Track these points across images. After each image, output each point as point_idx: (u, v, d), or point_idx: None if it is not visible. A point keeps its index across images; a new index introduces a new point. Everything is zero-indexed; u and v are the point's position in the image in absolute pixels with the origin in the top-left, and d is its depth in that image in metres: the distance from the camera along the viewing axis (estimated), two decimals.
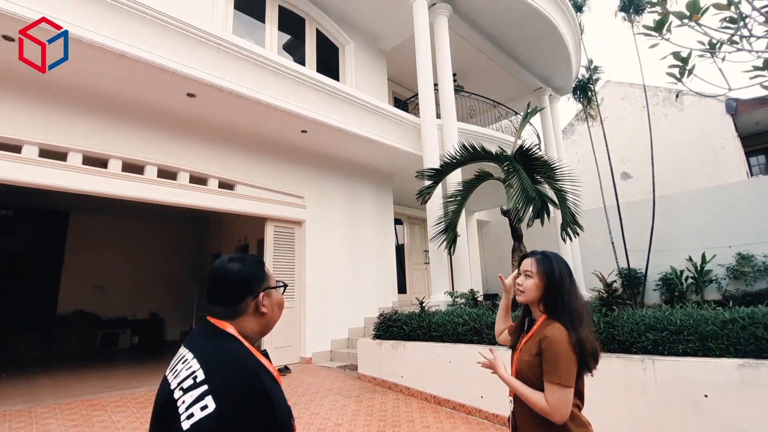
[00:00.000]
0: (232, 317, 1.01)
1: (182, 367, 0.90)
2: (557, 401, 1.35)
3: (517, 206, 4.87)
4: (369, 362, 5.22)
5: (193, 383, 0.85)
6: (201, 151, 5.74)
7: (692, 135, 13.12)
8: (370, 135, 6.71)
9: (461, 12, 8.17)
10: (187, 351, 0.95)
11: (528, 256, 1.65)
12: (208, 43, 4.84)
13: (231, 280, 1.03)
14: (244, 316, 1.02)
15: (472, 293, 5.70)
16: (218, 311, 1.02)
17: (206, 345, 0.96)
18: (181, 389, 0.85)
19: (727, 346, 2.54)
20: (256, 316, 1.04)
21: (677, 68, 3.09)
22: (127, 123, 5.08)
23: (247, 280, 1.04)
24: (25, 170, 4.22)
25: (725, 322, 2.64)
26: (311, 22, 8.01)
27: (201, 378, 0.85)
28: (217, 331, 0.99)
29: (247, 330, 1.02)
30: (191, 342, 0.98)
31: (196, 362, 0.89)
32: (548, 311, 1.51)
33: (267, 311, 1.06)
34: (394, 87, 10.76)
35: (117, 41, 4.11)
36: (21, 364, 7.33)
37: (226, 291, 1.03)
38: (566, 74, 11.06)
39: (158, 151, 5.31)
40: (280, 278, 5.99)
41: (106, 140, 4.87)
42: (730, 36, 2.96)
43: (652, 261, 9.31)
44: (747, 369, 2.33)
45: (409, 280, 9.91)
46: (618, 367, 2.94)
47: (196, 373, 0.86)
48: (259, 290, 1.05)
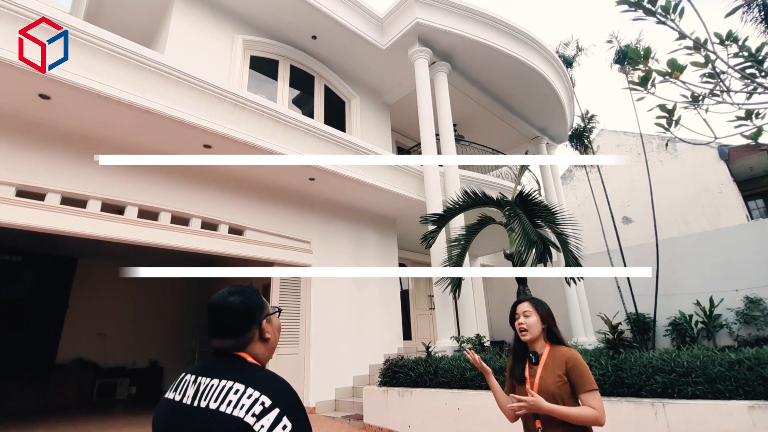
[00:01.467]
0: (242, 347, 1.09)
1: (238, 397, 0.94)
2: (600, 403, 1.63)
3: (520, 250, 4.97)
4: (375, 411, 5.08)
5: (263, 408, 0.91)
6: (213, 197, 5.97)
7: (688, 180, 13.44)
8: (374, 182, 6.97)
9: (459, 69, 8.76)
10: (228, 381, 0.98)
11: (519, 302, 1.94)
12: (225, 99, 5.21)
13: (236, 313, 1.09)
14: (253, 343, 1.10)
15: (479, 338, 5.65)
16: (228, 344, 1.08)
17: (246, 374, 1.01)
18: (254, 415, 0.90)
19: (736, 387, 2.54)
20: (262, 342, 1.12)
21: (664, 119, 3.35)
22: (145, 171, 5.34)
23: (251, 310, 1.12)
24: (48, 217, 4.42)
25: (732, 363, 2.66)
26: (320, 79, 8.58)
27: (269, 403, 0.92)
28: (244, 361, 1.06)
29: (258, 357, 1.10)
30: (224, 372, 1.02)
31: (252, 390, 0.94)
32: (551, 339, 1.82)
33: (270, 336, 1.14)
34: (397, 137, 11.25)
35: (144, 99, 4.46)
36: (17, 416, 7.12)
37: (232, 323, 1.09)
38: (561, 124, 11.57)
39: (172, 198, 5.53)
40: (284, 323, 5.95)
41: (124, 188, 5.11)
42: (710, 90, 3.24)
43: (660, 305, 9.23)
44: (757, 411, 2.33)
45: (414, 326, 9.78)
46: (629, 412, 2.90)
47: (261, 400, 0.92)
48: (261, 318, 1.13)
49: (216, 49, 6.90)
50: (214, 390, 0.98)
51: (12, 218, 4.17)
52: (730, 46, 3.14)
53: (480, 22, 8.17)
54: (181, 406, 1.00)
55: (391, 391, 4.88)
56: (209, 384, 1.00)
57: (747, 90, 3.12)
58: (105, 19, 7.30)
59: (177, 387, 1.06)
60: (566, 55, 11.55)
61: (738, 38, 3.11)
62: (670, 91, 2.02)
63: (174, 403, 1.02)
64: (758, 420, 2.31)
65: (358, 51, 8.38)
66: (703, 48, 3.18)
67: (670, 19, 3.03)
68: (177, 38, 6.44)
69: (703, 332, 8.46)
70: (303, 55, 8.27)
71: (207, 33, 6.87)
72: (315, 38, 8.06)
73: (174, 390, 1.06)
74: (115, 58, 4.31)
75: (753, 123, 2.95)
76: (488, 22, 8.24)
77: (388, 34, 8.22)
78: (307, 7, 7.27)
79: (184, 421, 0.97)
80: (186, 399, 1.00)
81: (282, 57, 7.99)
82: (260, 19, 7.51)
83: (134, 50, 4.43)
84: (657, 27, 2.76)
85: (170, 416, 1.01)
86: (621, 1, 3.02)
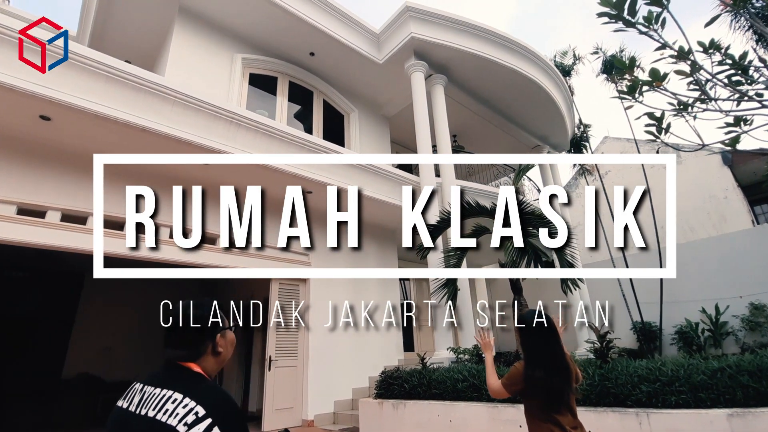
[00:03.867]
0: (193, 359, 1.13)
1: (175, 406, 0.98)
2: (492, 382, 2.10)
3: (513, 259, 4.98)
4: (371, 424, 5.07)
5: (196, 418, 0.94)
6: (212, 212, 6.08)
7: (693, 186, 13.30)
8: (371, 194, 7.04)
9: (456, 81, 8.87)
10: (168, 391, 1.02)
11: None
12: (221, 117, 5.36)
13: (192, 326, 1.14)
14: (205, 356, 1.14)
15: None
16: (180, 354, 1.13)
17: (188, 384, 1.05)
18: (186, 424, 0.93)
19: (717, 395, 2.52)
20: (214, 356, 1.16)
21: (654, 126, 3.38)
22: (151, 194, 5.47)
23: (205, 324, 1.16)
24: (48, 234, 4.55)
25: (714, 371, 2.64)
26: (318, 94, 8.75)
27: (202, 413, 0.95)
28: (190, 371, 1.10)
29: (207, 369, 1.14)
30: (168, 382, 1.06)
31: (189, 399, 0.98)
32: None
33: (222, 350, 1.18)
34: (397, 148, 11.36)
35: (140, 118, 4.62)
36: (23, 431, 7.21)
37: (186, 335, 1.14)
38: (561, 132, 11.58)
39: (171, 214, 5.64)
40: (282, 335, 5.98)
41: (123, 205, 5.23)
42: (695, 99, 3.26)
43: (666, 313, 9.07)
44: (736, 418, 2.31)
45: (417, 337, 9.73)
46: (614, 422, 2.88)
47: (195, 409, 0.96)
48: (216, 332, 1.17)
49: (216, 68, 7.10)
50: (155, 398, 1.02)
51: (13, 236, 4.32)
52: (714, 54, 3.17)
53: (474, 34, 8.29)
54: (127, 413, 1.04)
55: (386, 404, 4.87)
56: (152, 393, 1.04)
57: (734, 98, 3.15)
58: (110, 40, 7.58)
59: (126, 395, 1.11)
60: (564, 64, 11.63)
61: (721, 46, 3.15)
62: (659, 100, 2.07)
63: (122, 411, 1.07)
64: (737, 427, 2.29)
65: (355, 66, 8.55)
66: (685, 57, 3.22)
67: (653, 29, 3.08)
68: (178, 58, 6.65)
69: (710, 340, 8.29)
70: (301, 71, 8.45)
71: (207, 52, 7.08)
72: (313, 55, 8.25)
73: (123, 398, 1.11)
74: (113, 80, 4.48)
75: (742, 129, 2.97)
76: (483, 34, 8.37)
77: (384, 49, 8.39)
78: (305, 25, 7.47)
79: (128, 428, 1.02)
80: (131, 407, 1.05)
81: (281, 74, 8.19)
82: (259, 37, 7.73)
83: (131, 72, 4.60)
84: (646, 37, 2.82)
85: (118, 423, 1.06)
86: (601, 13, 3.08)
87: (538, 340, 1.93)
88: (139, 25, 7.32)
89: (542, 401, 1.85)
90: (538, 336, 1.94)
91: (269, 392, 6.01)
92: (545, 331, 1.94)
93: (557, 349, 1.93)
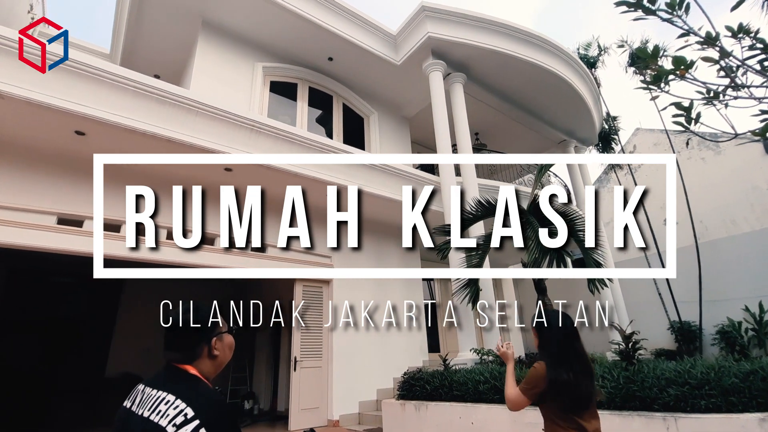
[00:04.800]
0: (190, 361, 1.17)
1: (167, 407, 1.03)
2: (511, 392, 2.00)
3: (535, 257, 4.87)
4: (394, 425, 5.09)
5: (184, 419, 0.99)
6: (236, 218, 6.28)
7: (733, 177, 12.52)
8: (390, 195, 7.06)
9: (475, 78, 8.76)
10: (163, 392, 1.08)
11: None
12: (242, 125, 5.53)
13: (186, 329, 1.18)
14: (200, 359, 1.19)
15: None
16: (177, 357, 1.17)
17: (182, 386, 1.10)
18: (174, 425, 0.99)
19: (749, 399, 2.39)
20: (210, 359, 1.21)
21: (682, 117, 3.23)
22: (172, 197, 5.72)
23: (201, 328, 1.20)
24: (86, 242, 4.85)
25: (747, 374, 2.50)
26: (338, 98, 8.87)
27: (191, 414, 1.00)
28: (186, 374, 1.15)
29: (204, 371, 1.19)
30: (164, 384, 1.12)
31: (180, 402, 1.03)
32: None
33: (219, 353, 1.22)
34: (419, 149, 11.33)
35: (166, 129, 4.84)
36: (66, 426, 7.69)
37: (182, 339, 1.19)
38: (589, 126, 11.21)
39: (200, 220, 5.88)
40: (308, 336, 6.10)
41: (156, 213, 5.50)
42: (725, 86, 3.11)
43: (706, 312, 8.62)
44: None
45: (442, 338, 9.67)
46: (640, 426, 2.77)
47: (185, 411, 1.01)
48: (212, 335, 1.21)
49: (238, 77, 7.34)
50: (151, 400, 1.08)
51: (54, 244, 4.63)
52: (743, 39, 3.01)
53: (493, 30, 8.17)
54: (129, 413, 1.11)
55: (408, 405, 4.88)
56: (149, 394, 1.10)
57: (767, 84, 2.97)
58: (139, 57, 7.98)
59: (131, 395, 1.18)
60: (588, 56, 11.25)
61: (750, 30, 2.99)
62: (688, 89, 1.98)
63: (125, 410, 1.14)
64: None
65: (373, 68, 8.61)
66: (712, 43, 3.07)
67: (676, 14, 2.96)
68: (202, 69, 6.92)
69: (754, 340, 7.80)
70: (320, 77, 8.59)
71: (229, 63, 7.33)
72: (331, 60, 8.37)
73: (128, 398, 1.18)
74: (140, 94, 4.72)
75: None
76: (502, 30, 8.23)
77: (401, 50, 8.40)
78: (323, 31, 7.59)
79: (128, 426, 1.09)
80: (133, 407, 1.11)
81: (300, 80, 8.35)
82: (278, 46, 7.92)
83: (156, 86, 4.83)
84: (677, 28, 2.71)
85: (121, 421, 1.13)
86: (619, 2, 2.99)
87: (559, 340, 1.87)
88: (165, 41, 7.66)
89: (565, 405, 1.76)
90: (559, 337, 1.88)
91: (295, 392, 6.15)
92: (566, 332, 1.88)
93: (580, 350, 1.86)
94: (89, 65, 4.43)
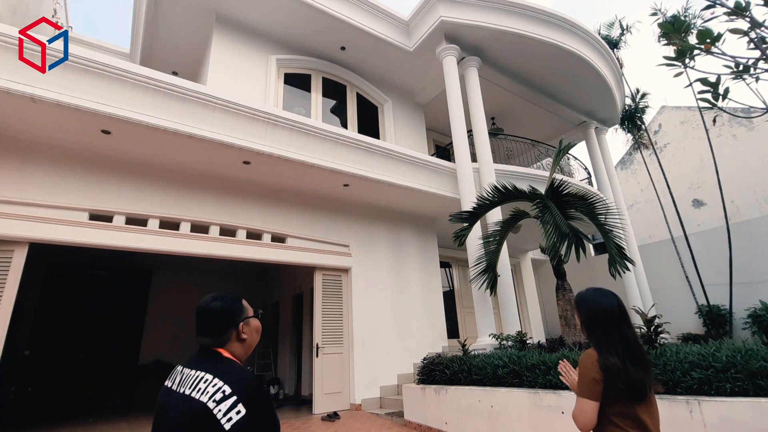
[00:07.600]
0: (221, 345, 1.27)
1: (206, 385, 1.12)
2: (575, 408, 1.65)
3: (553, 242, 4.82)
4: (414, 408, 5.18)
5: (223, 396, 1.08)
6: (255, 209, 6.43)
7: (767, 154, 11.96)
8: (408, 184, 7.07)
9: (490, 61, 8.58)
10: (201, 372, 1.18)
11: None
12: (258, 118, 5.61)
13: (215, 316, 1.29)
14: (230, 342, 1.29)
15: (520, 335, 5.53)
16: (208, 341, 1.28)
17: (218, 366, 1.20)
18: (214, 401, 1.08)
19: None
20: (239, 342, 1.31)
21: (709, 93, 3.11)
22: (194, 190, 5.91)
23: (229, 314, 1.30)
24: (115, 236, 5.07)
25: None
26: (351, 87, 8.85)
27: (229, 391, 1.09)
28: (220, 356, 1.25)
29: (235, 353, 1.29)
30: (202, 364, 1.21)
31: (218, 380, 1.12)
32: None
33: (247, 337, 1.33)
34: (434, 135, 11.24)
35: (186, 125, 4.96)
36: (104, 411, 8.15)
37: (212, 324, 1.29)
38: (611, 106, 10.85)
39: (219, 212, 6.05)
40: (327, 323, 6.25)
41: (178, 206, 5.69)
42: (756, 59, 2.97)
43: (736, 295, 8.35)
44: None
45: (462, 323, 9.71)
46: (663, 410, 2.73)
47: (223, 388, 1.10)
48: (239, 320, 1.32)
49: (252, 71, 7.42)
50: (191, 379, 1.18)
51: (87, 239, 4.86)
52: None
53: (508, 11, 7.96)
54: (170, 391, 1.22)
55: (428, 389, 4.96)
56: (188, 374, 1.21)
57: None
58: (158, 56, 8.15)
59: (171, 375, 1.29)
60: (611, 36, 10.81)
61: None
62: (716, 64, 1.91)
63: (166, 389, 1.25)
64: None
65: (386, 56, 8.54)
66: (742, 14, 2.95)
67: None
68: (217, 64, 7.02)
69: None
70: (334, 66, 8.59)
71: (243, 57, 7.40)
72: (344, 49, 8.34)
73: (169, 378, 1.29)
74: (160, 92, 4.84)
75: None
76: (517, 10, 8.00)
77: (414, 36, 8.29)
78: (335, 21, 7.56)
79: (169, 403, 1.19)
80: (174, 385, 1.22)
81: (314, 70, 8.37)
82: (291, 37, 7.94)
83: (175, 83, 4.94)
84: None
85: (163, 399, 1.24)
86: None
87: (604, 322, 1.66)
88: (182, 38, 7.79)
89: (620, 397, 1.55)
90: (603, 318, 1.67)
91: (318, 378, 6.32)
92: (613, 312, 1.68)
93: (629, 333, 1.64)
94: (113, 66, 4.57)
